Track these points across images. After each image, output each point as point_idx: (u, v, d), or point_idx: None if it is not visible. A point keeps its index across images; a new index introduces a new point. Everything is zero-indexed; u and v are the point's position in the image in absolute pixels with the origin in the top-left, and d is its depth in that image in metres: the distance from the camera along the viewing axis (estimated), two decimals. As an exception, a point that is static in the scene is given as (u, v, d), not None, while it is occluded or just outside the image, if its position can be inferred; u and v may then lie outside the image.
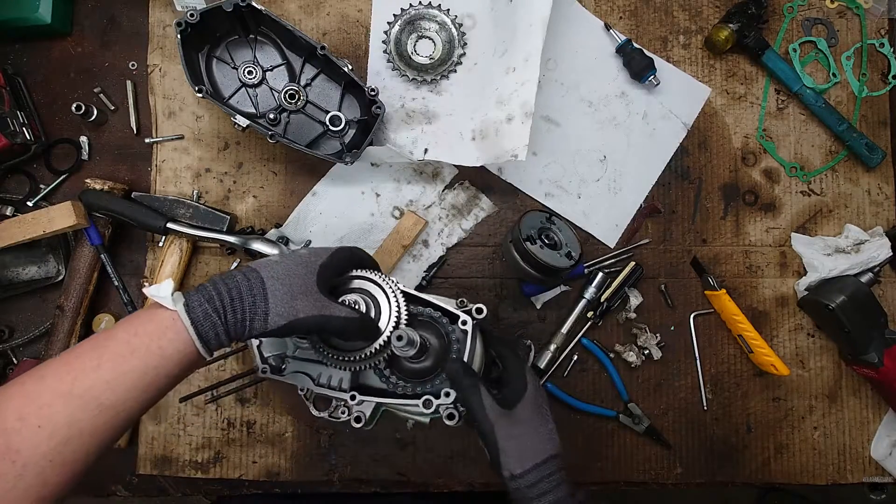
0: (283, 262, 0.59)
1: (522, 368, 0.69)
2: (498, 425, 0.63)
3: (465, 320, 0.69)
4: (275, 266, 0.59)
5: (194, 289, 0.56)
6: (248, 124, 0.82)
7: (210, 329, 0.55)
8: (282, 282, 0.57)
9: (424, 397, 0.67)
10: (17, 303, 0.93)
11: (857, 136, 0.94)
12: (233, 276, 0.57)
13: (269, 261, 0.60)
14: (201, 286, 0.56)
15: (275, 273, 0.58)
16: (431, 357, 0.70)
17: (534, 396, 0.67)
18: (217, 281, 0.56)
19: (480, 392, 0.64)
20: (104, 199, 0.86)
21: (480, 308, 0.70)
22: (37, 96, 0.93)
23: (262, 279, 0.57)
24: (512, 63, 0.86)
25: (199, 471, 0.92)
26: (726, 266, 0.95)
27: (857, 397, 0.95)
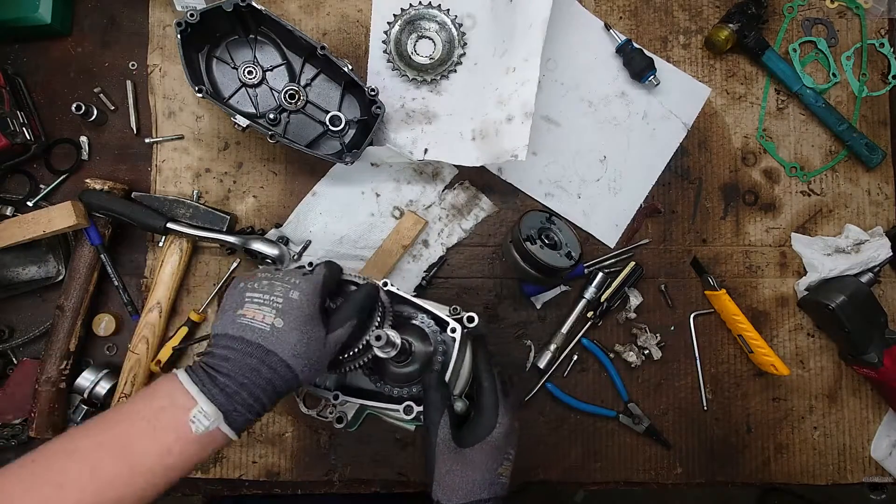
0: (296, 333, 0.56)
1: (495, 407, 0.65)
2: (442, 458, 0.62)
3: (454, 328, 0.67)
4: (291, 344, 0.56)
5: (215, 385, 0.54)
6: (248, 124, 0.82)
7: (248, 425, 0.56)
8: (304, 358, 0.56)
9: (405, 403, 0.66)
10: (17, 303, 0.93)
11: (857, 136, 0.94)
12: (259, 373, 0.55)
13: (283, 338, 0.56)
14: (231, 388, 0.54)
15: (296, 352, 0.56)
16: (417, 362, 0.69)
17: (497, 440, 0.64)
18: (243, 377, 0.54)
19: (440, 419, 0.62)
20: (104, 199, 0.86)
21: (472, 317, 0.68)
22: (37, 96, 0.93)
23: (289, 365, 0.56)
24: (512, 63, 0.86)
25: (199, 471, 0.92)
26: (726, 266, 0.95)
27: (857, 397, 0.95)
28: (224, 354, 0.55)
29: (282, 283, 0.59)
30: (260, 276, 0.61)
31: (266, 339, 0.55)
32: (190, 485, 0.93)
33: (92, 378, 0.88)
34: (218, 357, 0.55)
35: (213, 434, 0.53)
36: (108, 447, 0.52)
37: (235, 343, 0.55)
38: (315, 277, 0.61)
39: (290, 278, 0.60)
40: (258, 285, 0.59)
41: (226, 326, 0.57)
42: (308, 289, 0.59)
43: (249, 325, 0.56)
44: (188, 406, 0.53)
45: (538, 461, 0.93)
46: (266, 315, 0.56)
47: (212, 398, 0.53)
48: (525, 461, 0.93)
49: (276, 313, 0.56)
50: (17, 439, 0.90)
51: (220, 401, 0.53)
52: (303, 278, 0.60)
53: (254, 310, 0.57)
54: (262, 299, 0.57)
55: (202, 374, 0.55)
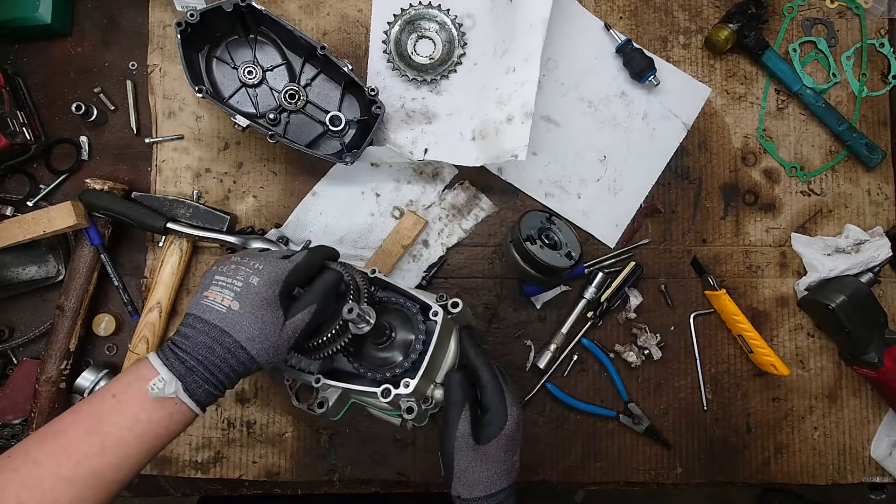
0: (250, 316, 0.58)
1: (502, 401, 0.67)
2: (461, 454, 0.64)
3: (437, 311, 0.67)
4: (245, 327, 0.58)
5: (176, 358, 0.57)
6: (248, 124, 0.82)
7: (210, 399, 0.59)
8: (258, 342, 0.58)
9: (383, 386, 0.65)
10: (17, 303, 0.93)
11: (857, 136, 0.94)
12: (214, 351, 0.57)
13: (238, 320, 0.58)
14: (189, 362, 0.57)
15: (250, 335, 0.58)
16: (398, 347, 0.69)
17: (511, 432, 0.66)
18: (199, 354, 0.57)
19: (460, 417, 0.64)
20: (104, 199, 0.86)
21: (456, 302, 0.68)
22: (37, 96, 0.93)
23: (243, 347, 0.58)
24: (512, 63, 0.86)
25: (199, 471, 0.92)
26: (726, 266, 0.95)
27: (857, 397, 0.95)
28: (186, 332, 0.58)
29: (246, 267, 0.60)
30: (233, 258, 0.62)
31: (222, 320, 0.58)
32: (190, 485, 0.93)
33: (92, 378, 0.88)
34: (181, 335, 0.59)
35: (176, 403, 0.56)
36: (81, 423, 0.55)
37: (197, 322, 0.58)
38: (283, 265, 0.62)
39: (255, 263, 0.61)
40: (226, 269, 0.61)
41: (191, 306, 0.60)
42: (270, 275, 0.60)
43: (209, 306, 0.58)
44: (150, 376, 0.56)
45: (538, 461, 0.93)
46: (225, 297, 0.58)
47: (170, 368, 0.56)
48: (525, 461, 0.92)
49: (234, 296, 0.58)
50: (17, 439, 0.90)
51: (179, 370, 0.56)
52: (270, 263, 0.61)
53: (216, 292, 0.59)
54: (225, 282, 0.59)
55: (167, 350, 0.58)
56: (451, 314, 0.69)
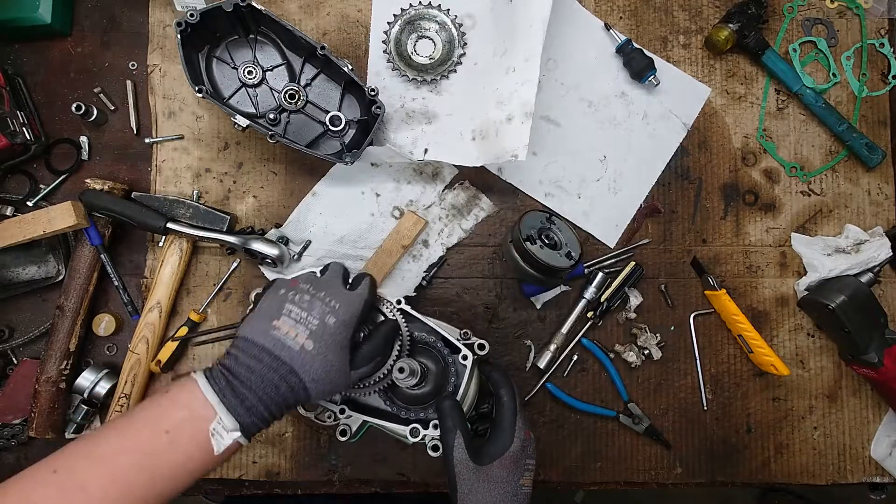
0: (322, 359, 0.57)
1: (513, 419, 0.67)
2: (463, 478, 0.63)
3: (466, 355, 0.68)
4: (315, 369, 0.57)
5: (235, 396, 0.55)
6: (248, 124, 0.82)
7: (258, 432, 0.58)
8: (322, 384, 0.58)
9: (412, 426, 0.67)
10: (17, 303, 0.93)
11: (857, 136, 0.94)
12: (279, 390, 0.56)
13: (309, 361, 0.56)
14: (249, 402, 0.55)
15: (317, 377, 0.57)
16: (430, 383, 0.70)
17: (516, 453, 0.65)
18: (262, 392, 0.55)
19: (455, 441, 0.64)
20: (104, 199, 0.86)
21: (483, 344, 0.70)
22: (37, 96, 0.93)
23: (306, 388, 0.57)
24: (512, 63, 0.86)
25: (199, 471, 0.92)
26: (726, 266, 0.95)
27: (857, 397, 0.95)
28: (249, 364, 0.56)
29: (322, 303, 0.59)
30: (302, 287, 0.60)
31: (294, 359, 0.56)
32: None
33: (92, 378, 0.88)
34: (242, 366, 0.56)
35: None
36: (129, 454, 0.53)
37: (264, 355, 0.56)
38: (354, 304, 0.61)
39: (330, 299, 0.59)
40: (299, 298, 0.59)
41: (258, 334, 0.57)
42: (345, 317, 0.59)
43: (280, 341, 0.56)
44: (208, 417, 0.54)
45: (538, 461, 0.92)
46: (300, 334, 0.56)
47: (232, 410, 0.54)
48: (525, 461, 0.93)
49: (310, 335, 0.57)
50: (17, 439, 0.90)
51: (239, 412, 0.54)
52: (344, 301, 0.60)
53: (289, 325, 0.57)
54: (299, 316, 0.57)
55: (223, 382, 0.56)
56: (478, 355, 0.69)
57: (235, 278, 0.93)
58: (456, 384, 0.69)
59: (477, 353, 0.70)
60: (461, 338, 0.71)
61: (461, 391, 0.68)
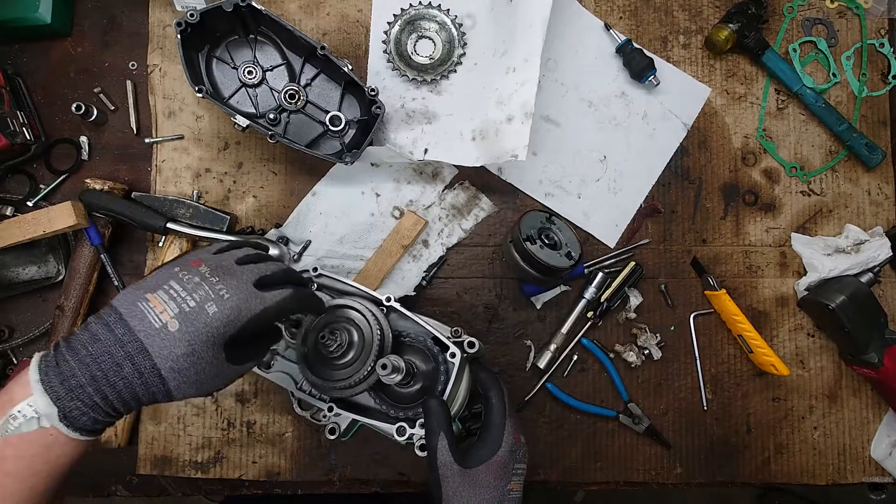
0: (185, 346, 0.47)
1: (502, 423, 0.65)
2: (447, 481, 0.62)
3: (454, 352, 0.66)
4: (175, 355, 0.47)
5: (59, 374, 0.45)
6: (248, 124, 0.82)
7: (100, 426, 0.48)
8: (184, 376, 0.48)
9: (398, 424, 0.66)
10: (17, 303, 0.93)
11: (857, 136, 0.94)
12: (120, 369, 0.46)
13: (168, 344, 0.47)
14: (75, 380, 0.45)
15: (177, 366, 0.47)
16: (420, 381, 0.69)
17: (504, 458, 0.63)
18: (98, 368, 0.46)
19: (439, 443, 0.62)
20: (104, 199, 0.86)
21: (473, 342, 0.68)
22: (37, 96, 0.93)
23: (161, 376, 0.47)
24: (512, 63, 0.86)
25: (199, 471, 0.92)
26: (726, 266, 0.95)
27: (857, 397, 0.95)
28: (96, 333, 0.47)
29: (210, 288, 0.50)
30: (200, 269, 0.51)
31: (150, 336, 0.46)
32: (190, 485, 0.93)
33: (92, 378, 0.88)
34: (89, 333, 0.47)
35: (52, 434, 0.45)
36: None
37: (117, 325, 0.47)
38: (249, 306, 0.51)
39: (223, 288, 0.50)
40: (188, 278, 0.50)
41: (123, 303, 0.48)
42: (230, 313, 0.49)
43: (142, 312, 0.47)
44: (19, 399, 0.45)
45: (538, 461, 0.93)
46: (167, 311, 0.47)
47: (50, 388, 0.45)
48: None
49: (178, 315, 0.47)
50: (17, 439, 0.90)
51: (59, 392, 0.45)
52: (237, 295, 0.50)
53: (161, 300, 0.48)
54: (176, 292, 0.48)
55: (51, 359, 0.47)
56: (468, 353, 0.68)
57: (235, 278, 0.93)
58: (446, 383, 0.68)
59: (466, 350, 0.68)
60: (452, 335, 0.70)
61: (448, 390, 0.66)
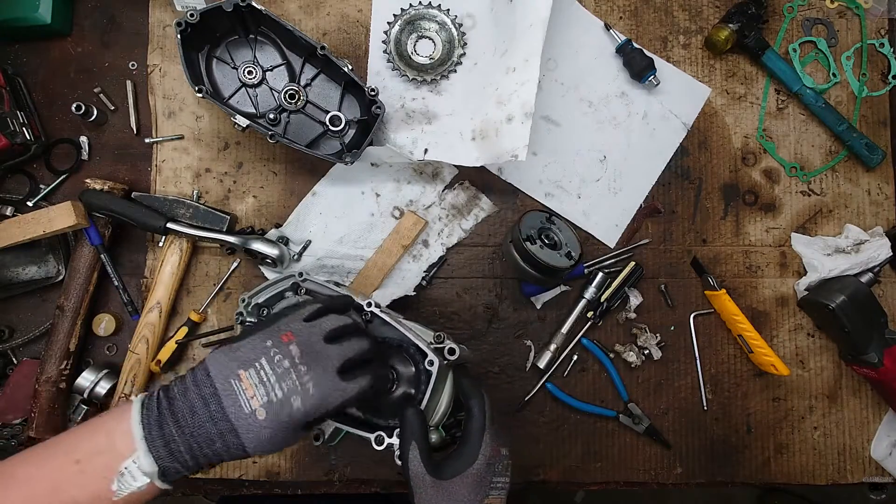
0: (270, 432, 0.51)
1: (480, 435, 0.62)
2: (419, 492, 0.60)
3: (432, 360, 0.63)
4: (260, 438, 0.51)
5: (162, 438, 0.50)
6: (248, 124, 0.82)
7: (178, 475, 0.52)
8: (263, 449, 0.52)
9: (377, 433, 0.64)
10: (17, 303, 0.93)
11: (857, 136, 0.94)
12: (212, 444, 0.50)
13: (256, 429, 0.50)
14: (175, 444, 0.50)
15: (260, 445, 0.51)
16: (403, 386, 0.68)
17: (480, 471, 0.61)
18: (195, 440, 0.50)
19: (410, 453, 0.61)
20: (104, 199, 0.86)
21: (453, 349, 0.65)
22: (37, 96, 0.93)
23: (245, 449, 0.51)
24: (512, 63, 0.86)
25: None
26: (726, 266, 0.95)
27: (857, 397, 0.95)
28: (193, 405, 0.51)
29: (298, 378, 0.52)
30: (290, 349, 0.54)
31: (240, 420, 0.50)
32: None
33: (92, 378, 0.88)
34: (187, 403, 0.51)
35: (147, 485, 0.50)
36: (40, 482, 0.49)
37: (212, 402, 0.50)
38: (333, 398, 0.54)
39: (308, 379, 0.52)
40: (278, 359, 0.52)
41: (219, 375, 0.52)
42: (312, 407, 0.52)
43: (235, 395, 0.50)
44: (125, 452, 0.49)
45: (538, 461, 0.93)
46: (257, 397, 0.50)
47: (153, 450, 0.49)
48: (525, 461, 0.93)
49: (266, 404, 0.51)
50: (17, 439, 0.90)
51: (161, 454, 0.49)
52: (322, 387, 0.53)
53: (251, 383, 0.51)
54: (267, 379, 0.51)
55: (155, 413, 0.51)
56: (448, 360, 0.66)
57: (235, 278, 0.93)
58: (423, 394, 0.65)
59: (447, 357, 0.65)
60: (434, 341, 0.67)
61: (426, 398, 0.64)
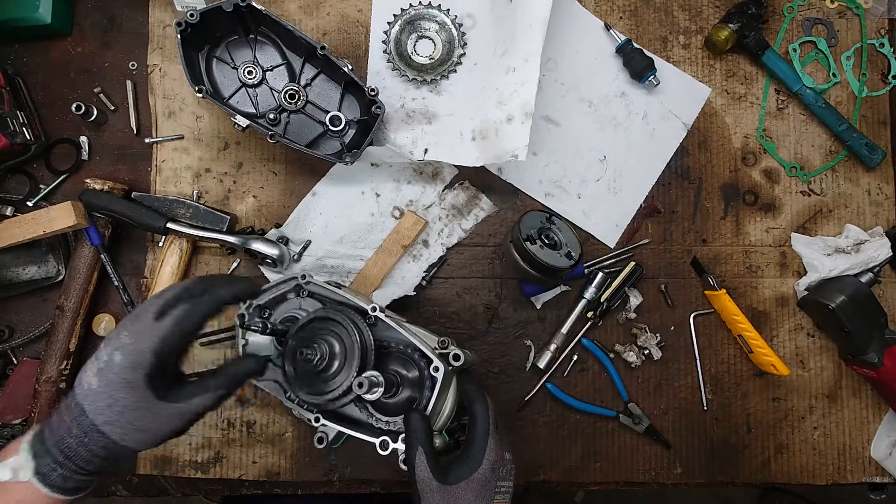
0: (106, 398, 0.51)
1: (484, 439, 0.63)
2: (426, 497, 0.61)
3: (438, 366, 0.64)
4: (101, 408, 0.51)
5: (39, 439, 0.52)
6: (248, 124, 0.82)
7: (73, 484, 0.52)
8: (119, 427, 0.52)
9: (381, 438, 0.65)
10: (17, 303, 0.93)
11: (857, 136, 0.94)
12: (70, 432, 0.51)
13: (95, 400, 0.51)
14: (49, 442, 0.51)
15: (108, 418, 0.51)
16: (407, 390, 0.68)
17: (485, 475, 0.62)
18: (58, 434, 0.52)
19: (417, 458, 0.61)
20: (104, 199, 0.86)
21: (458, 354, 0.66)
22: (37, 96, 0.93)
23: (100, 430, 0.51)
24: (512, 63, 0.86)
25: (199, 471, 0.92)
26: (726, 266, 0.95)
27: (857, 397, 0.95)
28: (62, 405, 0.53)
29: (116, 338, 0.53)
30: (123, 320, 0.55)
31: (84, 397, 0.51)
32: (190, 485, 0.93)
33: (92, 378, 0.88)
34: (63, 404, 0.53)
35: (30, 489, 0.51)
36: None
37: (71, 397, 0.53)
38: (151, 337, 0.53)
39: (126, 334, 0.53)
40: (110, 336, 0.54)
41: (78, 376, 0.53)
42: (131, 353, 0.52)
43: (79, 382, 0.52)
44: (8, 456, 0.52)
45: (538, 461, 0.93)
46: (89, 371, 0.52)
47: (34, 444, 0.52)
48: (525, 461, 0.93)
49: (97, 372, 0.52)
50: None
51: (37, 450, 0.52)
52: (137, 335, 0.53)
53: (90, 365, 0.53)
54: (98, 355, 0.53)
55: (40, 426, 0.54)
56: (453, 367, 0.66)
57: (235, 278, 0.93)
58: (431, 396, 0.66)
59: (451, 363, 0.66)
60: (438, 346, 0.68)
61: (431, 404, 0.65)
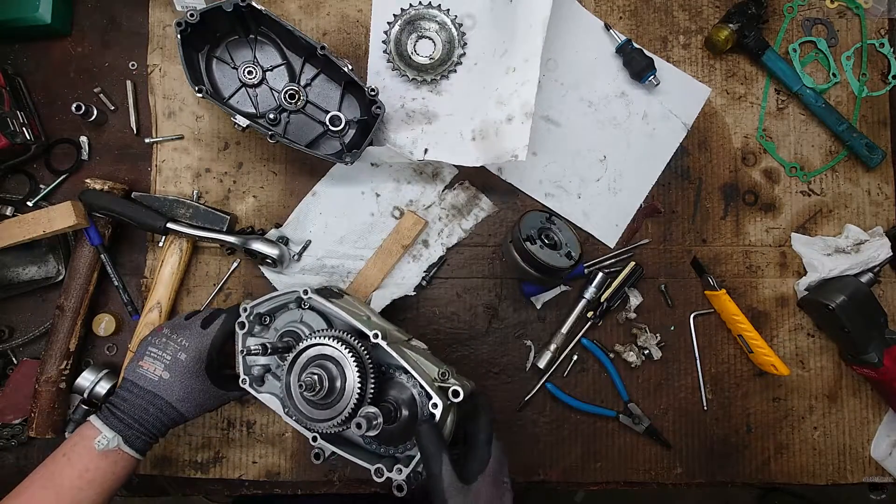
0: (179, 384, 0.73)
1: (489, 436, 0.68)
2: (453, 501, 0.62)
3: (436, 403, 0.65)
4: (175, 391, 0.73)
5: (116, 418, 0.71)
6: (248, 124, 0.82)
7: (147, 447, 0.74)
8: (187, 402, 0.74)
9: (376, 466, 0.66)
10: (17, 303, 0.93)
11: (857, 136, 0.94)
12: (148, 411, 0.72)
13: (169, 387, 0.73)
14: (127, 420, 0.71)
15: (180, 397, 0.73)
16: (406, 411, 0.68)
17: (495, 469, 0.66)
18: (135, 414, 0.72)
19: (442, 464, 0.63)
20: (104, 199, 0.86)
21: (457, 391, 0.66)
22: (37, 96, 0.93)
23: (173, 406, 0.73)
24: (512, 63, 0.86)
25: (198, 471, 0.92)
26: (726, 266, 0.95)
27: (857, 397, 0.95)
28: (124, 395, 0.73)
29: (175, 343, 0.75)
30: (164, 331, 0.76)
31: (156, 387, 0.73)
32: (190, 485, 0.93)
33: (92, 378, 0.88)
34: (119, 397, 0.73)
35: (118, 453, 0.70)
36: (37, 481, 0.69)
37: (133, 388, 0.73)
38: (203, 342, 0.75)
39: (182, 339, 0.75)
40: (157, 342, 0.75)
41: (129, 373, 0.74)
42: (194, 352, 0.74)
43: (143, 375, 0.73)
44: (94, 435, 0.69)
45: (538, 461, 0.93)
46: (157, 368, 0.74)
47: (112, 426, 0.70)
48: (525, 461, 0.93)
49: (165, 367, 0.74)
50: (17, 439, 0.90)
51: (119, 427, 0.70)
52: (192, 340, 0.75)
53: (149, 362, 0.74)
54: (157, 355, 0.74)
55: (106, 412, 0.72)
56: (451, 402, 0.67)
57: (235, 278, 0.93)
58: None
59: (450, 399, 0.66)
60: (439, 378, 0.68)
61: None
